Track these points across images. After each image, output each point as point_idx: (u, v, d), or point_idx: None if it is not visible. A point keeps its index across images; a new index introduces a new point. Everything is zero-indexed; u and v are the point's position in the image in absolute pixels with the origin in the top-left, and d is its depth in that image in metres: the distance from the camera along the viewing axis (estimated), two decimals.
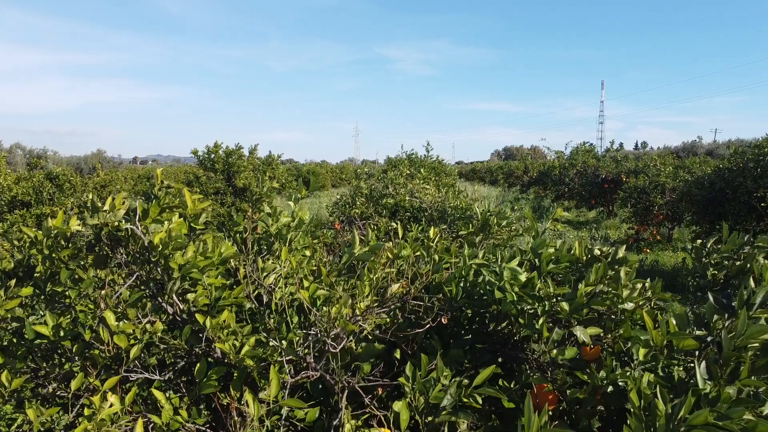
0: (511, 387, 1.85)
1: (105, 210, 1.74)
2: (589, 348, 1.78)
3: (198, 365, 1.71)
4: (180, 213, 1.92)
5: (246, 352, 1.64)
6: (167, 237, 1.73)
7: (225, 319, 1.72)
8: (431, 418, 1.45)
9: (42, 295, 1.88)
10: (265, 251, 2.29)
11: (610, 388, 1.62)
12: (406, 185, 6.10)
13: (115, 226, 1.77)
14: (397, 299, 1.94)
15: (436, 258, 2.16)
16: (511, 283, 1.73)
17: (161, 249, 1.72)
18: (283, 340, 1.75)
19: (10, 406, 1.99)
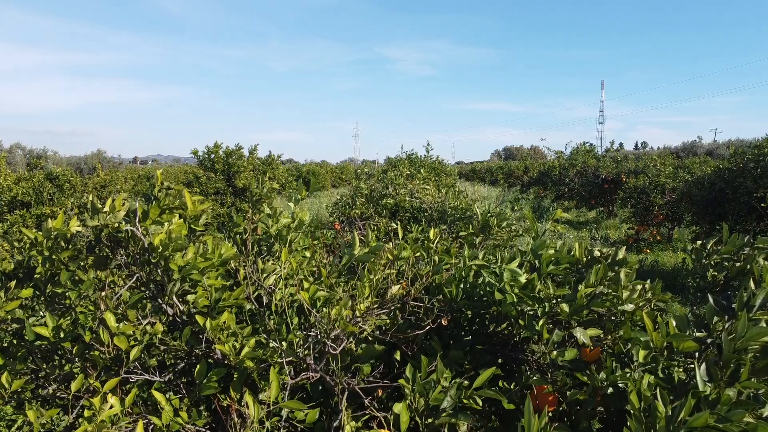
0: (511, 388, 1.85)
1: (105, 211, 1.74)
2: (589, 349, 1.78)
3: (198, 366, 1.71)
4: (180, 214, 1.93)
5: (246, 353, 1.64)
6: (167, 238, 1.73)
7: (225, 321, 1.72)
8: (431, 419, 1.45)
9: (42, 297, 1.88)
10: (265, 252, 2.29)
11: (610, 389, 1.62)
12: (406, 185, 6.10)
13: (116, 227, 1.77)
14: (397, 300, 1.94)
15: (436, 259, 2.16)
16: (511, 285, 1.73)
17: (161, 250, 1.72)
18: (283, 341, 1.75)
19: (10, 407, 1.99)
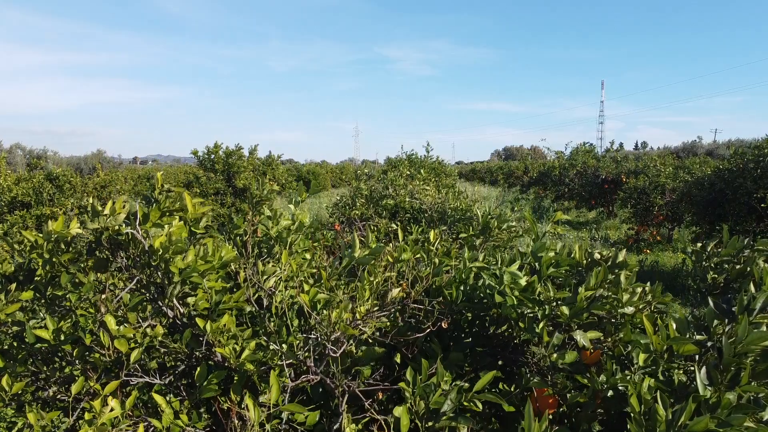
0: (512, 391, 1.85)
1: (105, 214, 1.75)
2: (589, 352, 1.78)
3: (198, 369, 1.71)
4: (180, 217, 1.93)
5: (246, 356, 1.64)
6: (168, 241, 1.73)
7: (225, 323, 1.72)
8: (432, 423, 1.45)
9: (42, 299, 1.88)
10: (266, 254, 2.29)
11: (610, 392, 1.62)
12: (406, 186, 6.10)
13: (116, 230, 1.77)
14: (398, 303, 1.94)
15: (436, 261, 2.16)
16: (512, 287, 1.73)
17: (162, 253, 1.72)
18: (284, 343, 1.75)
19: (10, 409, 1.99)
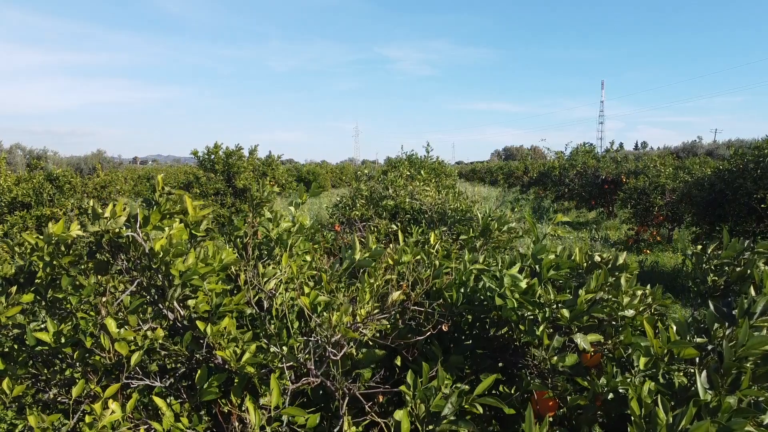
0: (512, 393, 1.85)
1: (106, 217, 1.75)
2: (590, 355, 1.78)
3: (199, 372, 1.71)
4: (181, 219, 1.93)
5: (247, 359, 1.64)
6: (168, 244, 1.73)
7: (226, 326, 1.72)
8: (432, 426, 1.45)
9: (43, 302, 1.88)
10: (266, 256, 2.28)
11: (610, 395, 1.62)
12: (406, 187, 6.10)
13: (116, 233, 1.77)
14: (398, 305, 1.94)
15: (436, 263, 2.16)
16: (512, 290, 1.73)
17: (162, 256, 1.72)
18: (284, 346, 1.75)
19: (11, 411, 1.99)
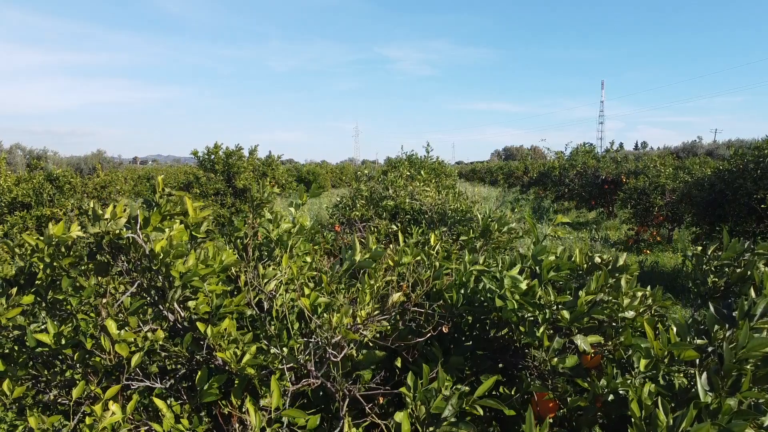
0: (512, 394, 1.85)
1: (106, 218, 1.75)
2: (590, 356, 1.78)
3: (199, 373, 1.71)
4: (181, 221, 1.93)
5: (247, 360, 1.64)
6: (168, 245, 1.73)
7: (226, 328, 1.72)
8: (432, 428, 1.45)
9: (43, 303, 1.89)
10: (266, 257, 2.28)
11: (610, 396, 1.62)
12: (406, 187, 6.10)
13: (117, 234, 1.77)
14: (398, 306, 1.94)
15: (436, 264, 2.16)
16: (512, 291, 1.73)
17: (162, 257, 1.72)
18: (284, 347, 1.75)
19: (12, 413, 1.99)
